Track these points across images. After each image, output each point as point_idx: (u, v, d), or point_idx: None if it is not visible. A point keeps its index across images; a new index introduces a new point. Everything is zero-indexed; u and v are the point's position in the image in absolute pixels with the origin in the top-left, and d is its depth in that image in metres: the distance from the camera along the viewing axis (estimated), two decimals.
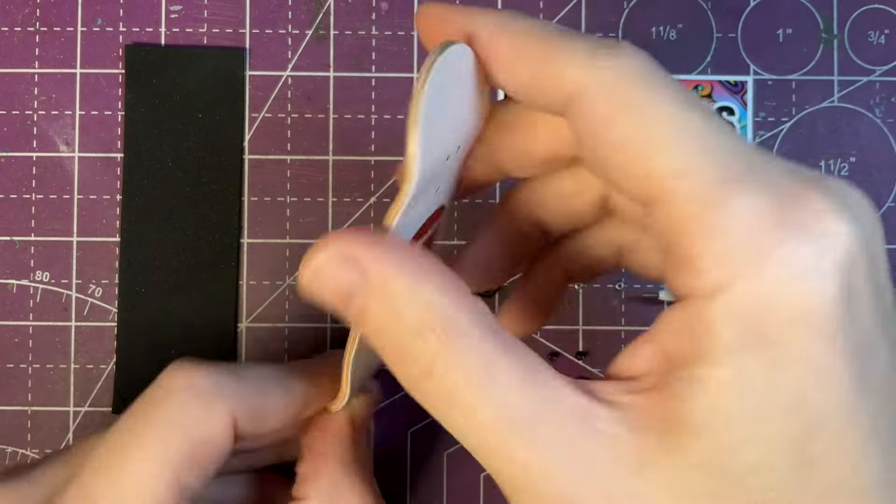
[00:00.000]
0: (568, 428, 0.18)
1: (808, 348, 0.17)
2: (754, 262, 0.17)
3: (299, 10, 0.37)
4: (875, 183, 0.37)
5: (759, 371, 0.17)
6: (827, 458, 0.17)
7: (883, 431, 0.18)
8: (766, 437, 0.17)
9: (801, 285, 0.17)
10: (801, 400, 0.17)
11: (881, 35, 0.37)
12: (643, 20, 0.37)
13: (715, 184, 0.18)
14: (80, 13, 0.37)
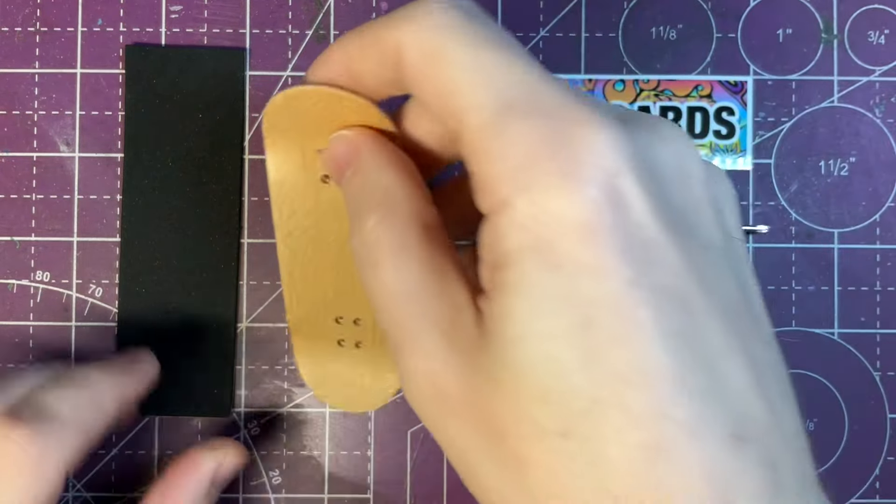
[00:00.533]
0: (443, 311, 0.22)
1: (577, 249, 0.20)
2: (529, 179, 0.20)
3: (299, 10, 0.37)
4: (875, 183, 0.37)
5: (537, 272, 0.20)
6: (609, 347, 0.19)
7: (669, 324, 0.20)
8: (549, 331, 0.20)
9: (568, 194, 0.20)
10: (576, 295, 0.20)
11: (881, 35, 0.37)
12: (643, 20, 0.37)
13: (496, 113, 0.21)
14: (81, 13, 0.37)
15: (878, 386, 0.37)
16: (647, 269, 0.20)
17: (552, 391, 0.20)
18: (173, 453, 0.36)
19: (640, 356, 0.19)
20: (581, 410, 0.19)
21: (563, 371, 0.20)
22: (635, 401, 0.19)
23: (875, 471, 0.37)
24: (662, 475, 0.19)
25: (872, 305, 0.37)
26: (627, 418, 0.19)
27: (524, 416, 0.20)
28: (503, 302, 0.20)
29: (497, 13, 0.37)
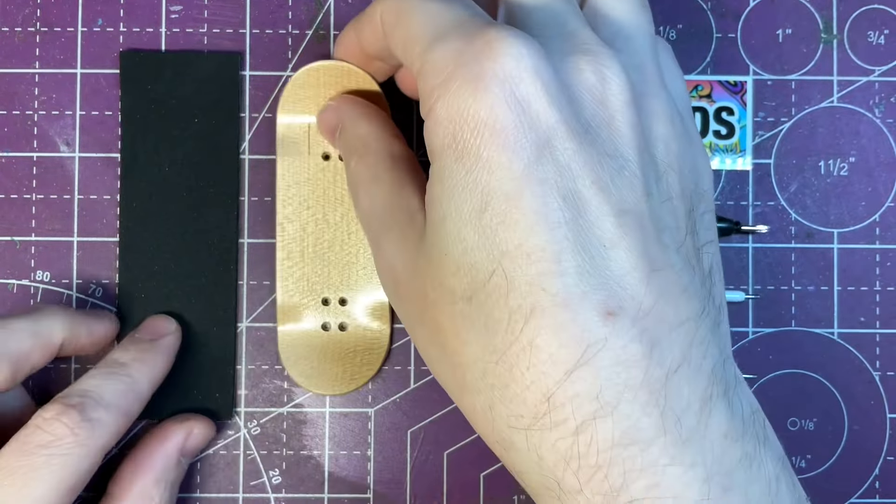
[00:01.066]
0: (401, 219, 0.28)
1: (478, 144, 0.23)
2: (445, 85, 0.24)
3: (299, 10, 0.37)
4: (875, 183, 0.37)
5: (451, 163, 0.24)
6: (497, 228, 0.23)
7: (551, 213, 0.23)
8: (455, 213, 0.24)
9: (472, 98, 0.24)
10: (476, 183, 0.23)
11: (881, 35, 0.37)
12: None
13: (430, 41, 0.25)
14: (81, 13, 0.37)
15: (877, 386, 0.37)
16: (536, 163, 0.23)
17: (462, 264, 0.24)
18: None
19: (522, 237, 0.23)
20: (482, 280, 0.24)
21: (469, 247, 0.24)
22: (516, 273, 0.23)
23: (875, 470, 0.37)
24: (532, 335, 0.23)
25: (872, 305, 0.37)
26: (510, 287, 0.23)
27: (443, 284, 0.25)
28: (431, 190, 0.25)
29: None
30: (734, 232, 0.37)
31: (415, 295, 0.26)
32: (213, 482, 0.36)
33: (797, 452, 0.37)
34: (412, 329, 0.27)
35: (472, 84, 0.23)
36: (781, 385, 0.37)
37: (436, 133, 0.24)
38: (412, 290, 0.26)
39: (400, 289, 0.27)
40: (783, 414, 0.37)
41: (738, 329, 0.37)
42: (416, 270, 0.26)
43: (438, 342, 0.25)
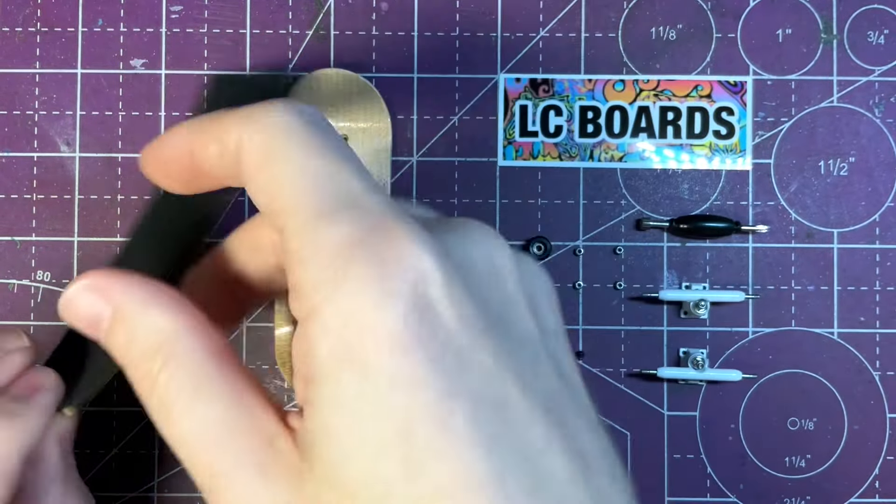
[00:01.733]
0: (253, 445, 0.21)
1: (388, 362, 0.19)
2: (337, 286, 0.19)
3: (299, 10, 0.37)
4: (874, 183, 0.37)
5: (351, 385, 0.19)
6: (428, 460, 0.19)
7: (486, 429, 0.19)
8: (369, 447, 0.19)
9: (375, 305, 0.19)
10: (391, 409, 0.19)
11: (881, 35, 0.37)
12: (643, 20, 0.37)
13: (311, 218, 0.20)
14: (81, 13, 0.37)
15: (877, 385, 0.37)
16: (460, 376, 0.19)
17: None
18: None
19: (460, 467, 0.19)
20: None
21: (390, 490, 0.19)
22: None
23: (875, 470, 0.37)
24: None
25: (872, 305, 0.37)
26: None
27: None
28: (321, 420, 0.20)
29: (497, 13, 0.37)
30: (734, 232, 0.37)
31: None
32: None
33: (797, 452, 0.37)
34: None
35: (374, 287, 0.19)
36: (781, 385, 0.37)
37: (323, 342, 0.19)
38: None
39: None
40: (783, 414, 0.37)
41: (739, 329, 0.37)
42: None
43: None
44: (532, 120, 0.37)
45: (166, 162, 0.25)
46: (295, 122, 0.22)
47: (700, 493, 0.36)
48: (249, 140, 0.22)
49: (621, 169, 0.37)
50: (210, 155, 0.23)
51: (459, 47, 0.37)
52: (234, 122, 0.23)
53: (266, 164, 0.22)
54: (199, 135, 0.24)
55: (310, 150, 0.22)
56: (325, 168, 0.21)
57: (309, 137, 0.22)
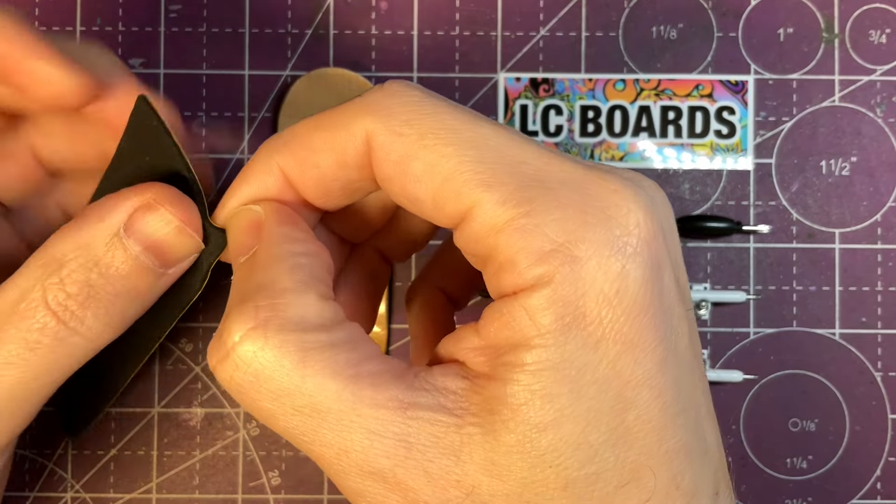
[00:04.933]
0: (384, 416, 0.20)
1: (619, 323, 0.19)
2: (568, 253, 0.19)
3: (299, 10, 0.37)
4: (876, 182, 0.37)
5: (576, 349, 0.19)
6: (637, 429, 0.19)
7: (682, 399, 0.20)
8: (583, 412, 0.19)
9: (614, 265, 0.19)
10: (613, 373, 0.19)
11: (882, 34, 0.37)
12: (643, 20, 0.37)
13: (519, 188, 0.19)
14: (80, 12, 0.37)
15: (879, 386, 0.37)
16: (674, 343, 0.20)
17: (577, 478, 0.19)
18: (173, 453, 0.36)
19: (661, 438, 0.19)
20: (604, 494, 0.19)
21: (595, 454, 0.19)
22: (653, 478, 0.19)
23: (876, 471, 0.37)
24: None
25: (874, 305, 0.37)
26: (646, 495, 0.19)
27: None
28: (531, 381, 0.19)
29: (497, 12, 0.37)
30: (735, 232, 0.36)
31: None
32: (212, 483, 0.36)
33: (798, 453, 0.37)
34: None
35: (613, 251, 0.19)
36: (783, 385, 0.37)
37: (548, 311, 0.19)
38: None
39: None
40: (784, 414, 0.37)
41: (740, 329, 0.37)
42: (472, 490, 0.20)
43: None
44: (532, 119, 0.37)
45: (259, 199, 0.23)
46: (429, 97, 0.21)
47: None
48: (386, 131, 0.20)
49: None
50: (321, 170, 0.22)
51: (459, 46, 0.37)
52: (353, 116, 0.21)
53: (421, 149, 0.20)
54: (298, 152, 0.22)
55: (463, 120, 0.20)
56: (495, 136, 0.20)
57: (454, 111, 0.21)
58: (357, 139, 0.21)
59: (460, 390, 0.20)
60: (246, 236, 0.22)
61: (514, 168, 0.20)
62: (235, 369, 0.20)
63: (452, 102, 0.21)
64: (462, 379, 0.20)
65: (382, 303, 0.35)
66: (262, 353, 0.20)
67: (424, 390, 0.20)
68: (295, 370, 0.20)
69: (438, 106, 0.21)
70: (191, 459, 0.36)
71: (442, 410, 0.20)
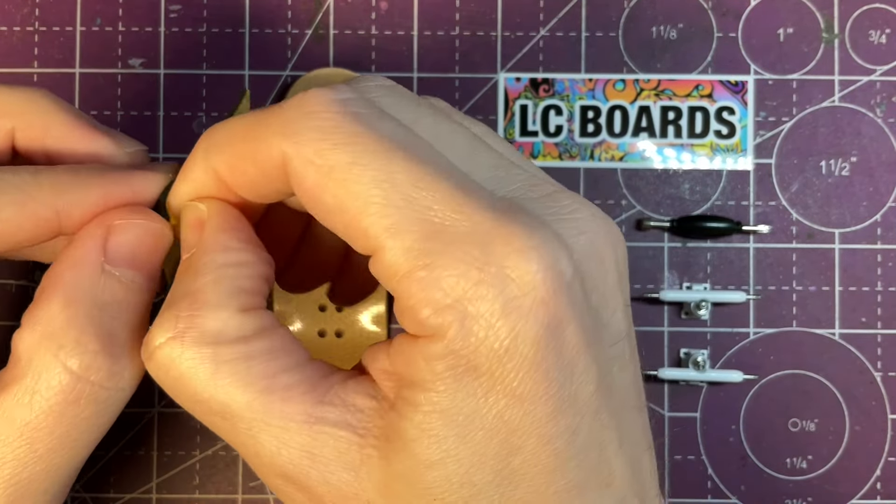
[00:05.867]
0: (291, 428, 0.21)
1: (509, 379, 0.20)
2: (462, 310, 0.19)
3: (299, 10, 0.37)
4: (876, 183, 0.37)
5: (466, 398, 0.20)
6: (524, 471, 0.20)
7: (578, 443, 0.20)
8: (468, 455, 0.20)
9: (502, 328, 0.19)
10: (501, 422, 0.20)
11: (882, 34, 0.37)
12: (643, 20, 0.37)
13: (421, 238, 0.20)
14: (80, 13, 0.37)
15: (878, 386, 0.37)
16: (571, 396, 0.20)
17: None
18: (173, 453, 0.36)
19: (551, 480, 0.20)
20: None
21: (477, 495, 0.20)
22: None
23: (876, 471, 0.37)
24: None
25: (873, 306, 0.37)
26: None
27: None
28: (424, 422, 0.20)
29: (497, 12, 0.37)
30: (735, 232, 0.36)
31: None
32: (212, 483, 0.36)
33: (798, 453, 0.37)
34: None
35: (507, 310, 0.19)
36: (782, 386, 0.37)
37: (443, 359, 0.20)
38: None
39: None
40: (784, 415, 0.37)
41: (740, 329, 0.37)
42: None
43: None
44: (532, 119, 0.37)
45: (194, 194, 0.23)
46: (346, 119, 0.20)
47: (701, 494, 0.36)
48: (298, 157, 0.20)
49: (622, 169, 0.37)
50: (249, 177, 0.22)
51: (459, 46, 0.37)
52: (270, 133, 0.21)
53: (330, 183, 0.20)
54: (229, 160, 0.22)
55: (377, 151, 0.20)
56: (407, 173, 0.20)
57: (370, 134, 0.20)
58: (274, 158, 0.21)
59: (367, 409, 0.21)
60: (190, 234, 0.23)
61: (420, 215, 0.20)
62: (157, 369, 0.21)
63: (376, 121, 0.20)
64: (371, 399, 0.21)
65: (382, 302, 0.35)
66: (179, 360, 0.21)
67: (333, 406, 0.21)
68: (208, 381, 0.21)
69: (353, 133, 0.20)
70: (191, 459, 0.36)
71: (347, 427, 0.21)
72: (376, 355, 0.22)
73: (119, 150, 0.26)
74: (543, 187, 0.22)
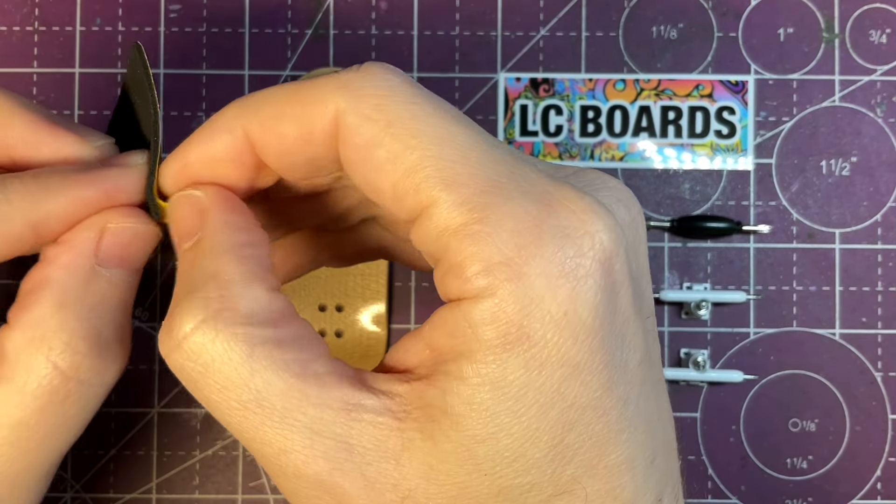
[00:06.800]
0: (328, 417, 0.19)
1: (566, 347, 0.19)
2: (517, 268, 0.18)
3: (299, 10, 0.37)
4: (876, 183, 0.37)
5: (518, 369, 0.19)
6: (578, 445, 0.19)
7: (628, 415, 0.20)
8: (522, 429, 0.19)
9: (563, 287, 0.19)
10: (558, 395, 0.19)
11: (882, 34, 0.37)
12: (643, 20, 0.37)
13: (478, 193, 0.19)
14: (79, 12, 0.37)
15: (879, 386, 0.37)
16: (622, 366, 0.20)
17: (511, 486, 0.19)
18: (173, 453, 0.36)
19: (602, 454, 0.20)
20: (537, 502, 0.19)
21: (530, 465, 0.19)
22: (594, 489, 0.20)
23: (877, 471, 0.37)
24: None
25: (874, 306, 0.37)
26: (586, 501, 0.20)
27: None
28: (474, 396, 0.19)
29: (497, 13, 0.37)
30: (736, 232, 0.36)
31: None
32: (211, 483, 0.36)
33: (798, 454, 0.37)
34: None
35: (565, 272, 0.19)
36: (783, 386, 0.37)
37: (493, 325, 0.19)
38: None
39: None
40: (784, 415, 0.37)
41: (740, 329, 0.37)
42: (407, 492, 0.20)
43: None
44: (532, 119, 0.37)
45: (213, 165, 0.22)
46: (405, 85, 0.20)
47: (701, 494, 0.36)
48: (355, 112, 0.20)
49: (622, 169, 0.37)
50: (285, 141, 0.21)
51: (459, 46, 0.37)
52: (325, 92, 0.20)
53: (387, 136, 0.19)
54: (265, 118, 0.21)
55: (434, 114, 0.20)
56: (460, 134, 0.20)
57: (429, 98, 0.20)
58: (326, 115, 0.20)
59: (405, 393, 0.20)
60: (189, 222, 0.22)
61: (476, 171, 0.19)
62: (186, 359, 0.20)
63: (430, 94, 0.20)
64: (405, 384, 0.20)
65: (382, 302, 0.35)
66: (212, 345, 0.20)
67: (370, 392, 0.20)
68: (243, 364, 0.20)
69: (413, 95, 0.20)
70: (191, 459, 0.36)
71: (386, 413, 0.20)
72: (404, 349, 0.21)
73: (86, 147, 0.24)
74: (565, 169, 0.21)
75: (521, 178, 0.19)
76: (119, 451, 0.36)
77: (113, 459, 0.36)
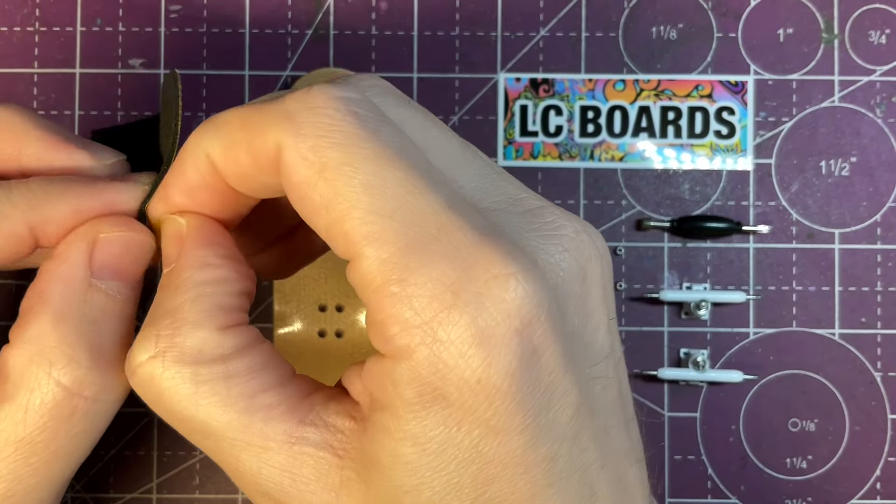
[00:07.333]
0: (272, 447, 0.21)
1: (481, 410, 0.19)
2: (433, 333, 0.19)
3: (299, 10, 0.37)
4: (876, 183, 0.37)
5: (437, 426, 0.19)
6: (501, 499, 0.20)
7: (558, 469, 0.20)
8: (443, 483, 0.19)
9: (476, 355, 0.19)
10: (476, 452, 0.19)
11: (882, 35, 0.37)
12: (643, 20, 0.37)
13: (400, 251, 0.19)
14: (80, 13, 0.37)
15: (878, 386, 0.37)
16: (548, 423, 0.20)
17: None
18: (173, 453, 0.36)
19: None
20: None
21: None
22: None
23: (876, 471, 0.37)
24: None
25: (873, 306, 0.37)
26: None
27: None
28: (397, 449, 0.20)
29: (497, 13, 0.37)
30: (735, 232, 0.36)
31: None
32: (212, 483, 0.36)
33: (798, 453, 0.37)
34: None
35: (479, 339, 0.19)
36: (782, 386, 0.37)
37: (412, 384, 0.19)
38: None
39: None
40: (784, 415, 0.37)
41: (739, 329, 0.37)
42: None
43: None
44: (532, 120, 0.37)
45: (190, 192, 0.22)
46: (347, 118, 0.20)
47: (701, 494, 0.36)
48: (293, 150, 0.20)
49: (622, 169, 0.37)
50: (242, 168, 0.21)
51: (459, 47, 0.37)
52: (269, 123, 0.20)
53: (320, 181, 0.19)
54: (222, 143, 0.21)
55: (373, 157, 0.19)
56: (398, 183, 0.19)
57: (368, 138, 0.20)
58: (269, 148, 0.20)
59: (348, 431, 0.21)
60: (170, 248, 0.23)
61: (403, 227, 0.19)
62: (138, 385, 0.21)
63: (376, 125, 0.20)
64: (351, 420, 0.21)
65: None
66: (160, 379, 0.21)
67: (314, 426, 0.21)
68: (188, 399, 0.21)
69: (351, 135, 0.19)
70: (191, 459, 0.36)
71: (327, 448, 0.21)
72: (352, 376, 0.21)
73: (97, 164, 0.25)
74: (528, 202, 0.21)
75: (448, 236, 0.19)
76: (119, 451, 0.36)
77: (113, 459, 0.36)
